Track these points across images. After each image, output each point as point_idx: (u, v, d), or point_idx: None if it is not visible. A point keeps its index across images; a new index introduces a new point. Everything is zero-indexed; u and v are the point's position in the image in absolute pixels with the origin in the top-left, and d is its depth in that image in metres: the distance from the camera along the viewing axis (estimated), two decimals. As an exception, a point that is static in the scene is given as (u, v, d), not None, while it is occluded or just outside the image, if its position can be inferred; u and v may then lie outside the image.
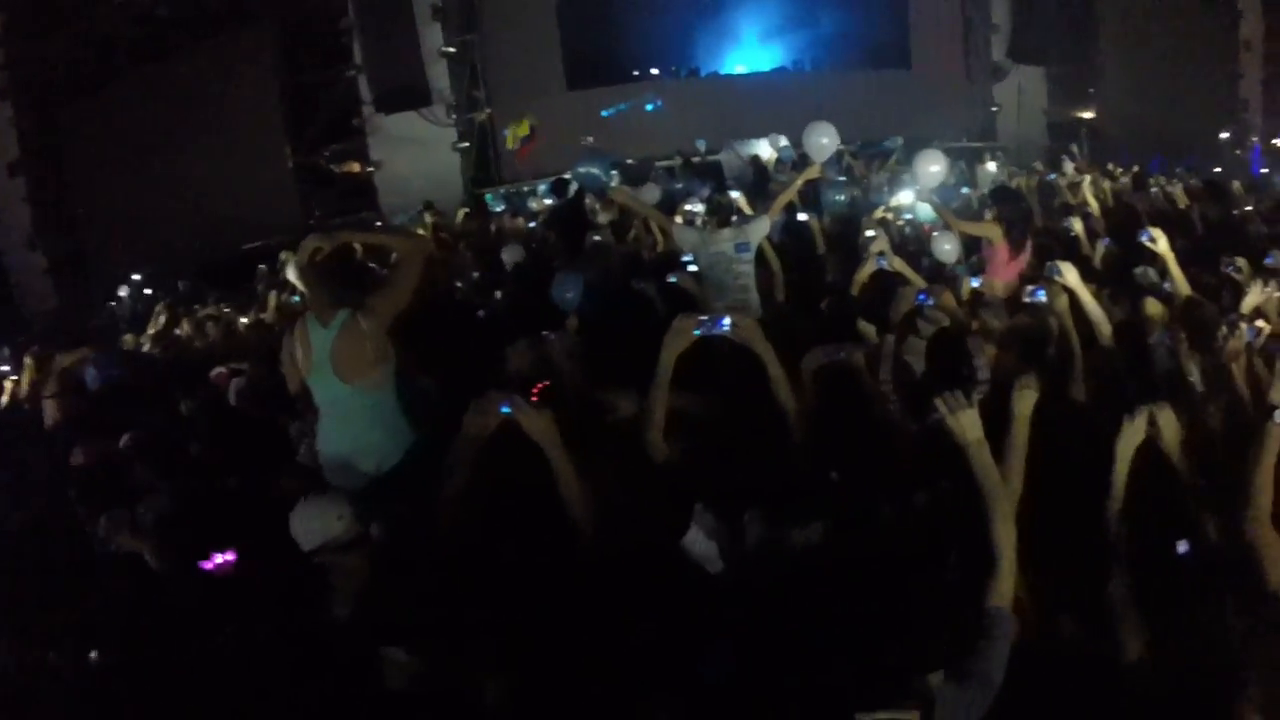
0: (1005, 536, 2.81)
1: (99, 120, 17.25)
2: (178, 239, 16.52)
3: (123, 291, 12.78)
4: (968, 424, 2.88)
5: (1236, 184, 11.74)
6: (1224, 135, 19.44)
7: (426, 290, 7.17)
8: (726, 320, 3.56)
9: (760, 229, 7.19)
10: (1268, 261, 6.50)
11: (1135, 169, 13.72)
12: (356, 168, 18.45)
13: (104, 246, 17.08)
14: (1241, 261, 6.37)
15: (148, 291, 12.23)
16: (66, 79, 17.32)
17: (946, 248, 7.89)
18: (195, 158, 17.06)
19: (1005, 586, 2.76)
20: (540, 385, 4.07)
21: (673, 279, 6.68)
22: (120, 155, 17.15)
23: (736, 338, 3.60)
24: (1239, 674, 2.63)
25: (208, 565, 3.66)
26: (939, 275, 7.20)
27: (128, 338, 9.64)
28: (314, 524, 3.45)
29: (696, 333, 3.54)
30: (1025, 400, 3.09)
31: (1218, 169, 15.27)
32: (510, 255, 10.93)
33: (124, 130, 17.13)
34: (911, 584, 2.62)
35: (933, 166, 8.42)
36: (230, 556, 3.66)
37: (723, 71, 20.66)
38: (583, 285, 6.57)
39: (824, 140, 8.80)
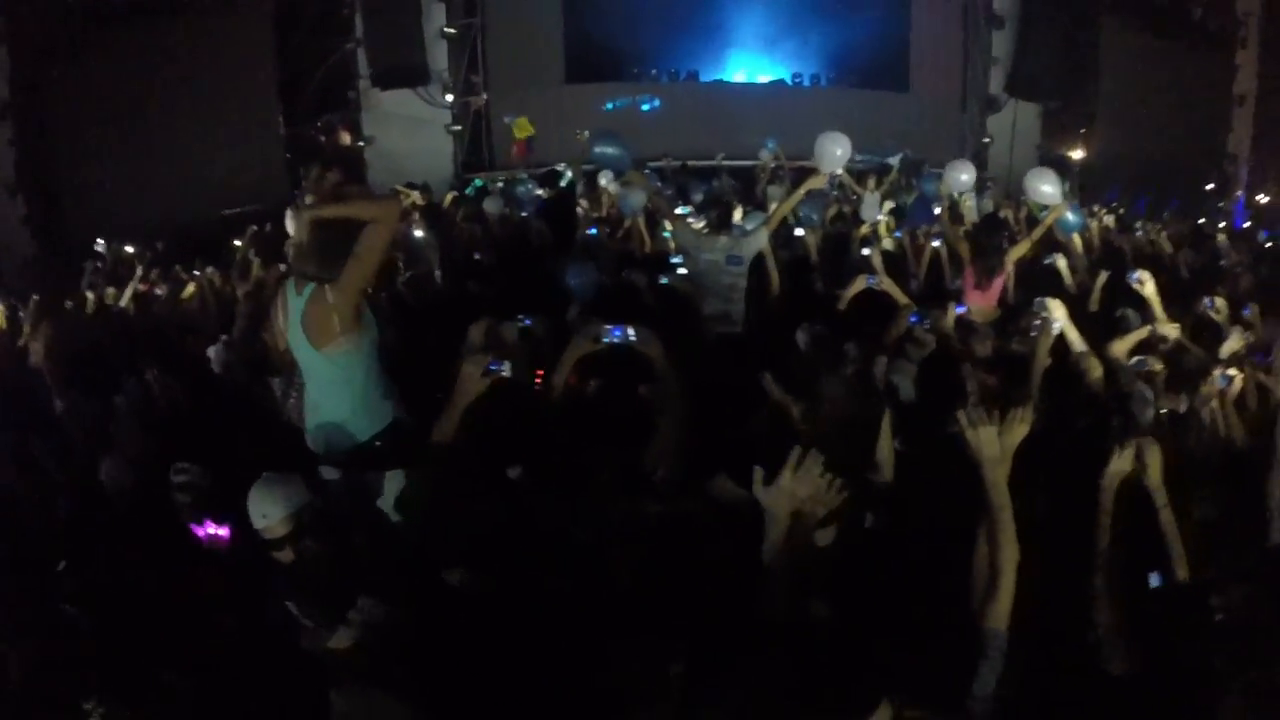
0: (1009, 557, 2.82)
1: (91, 73, 16.88)
2: (160, 199, 16.29)
3: (99, 247, 12.61)
4: (987, 440, 2.89)
5: (1222, 236, 11.91)
6: (1210, 186, 19.74)
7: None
8: (629, 332, 3.82)
9: (756, 243, 7.22)
10: (1245, 313, 6.66)
11: (1120, 210, 13.89)
12: (348, 138, 18.31)
13: (84, 201, 16.82)
14: (1221, 303, 6.52)
15: (129, 249, 12.06)
16: (61, 29, 17.07)
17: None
18: (184, 118, 16.70)
19: (1004, 608, 2.78)
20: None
21: (664, 280, 6.73)
22: (108, 110, 16.77)
23: (637, 347, 3.84)
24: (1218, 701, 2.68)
25: (201, 533, 3.68)
26: (927, 295, 7.27)
27: (109, 292, 9.54)
28: (253, 509, 3.67)
29: (604, 340, 3.85)
30: (1015, 433, 3.01)
31: (1201, 219, 15.47)
32: (492, 206, 10.95)
33: (114, 85, 16.79)
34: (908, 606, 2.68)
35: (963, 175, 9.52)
36: (224, 531, 3.71)
37: (722, 79, 20.66)
38: (595, 275, 6.59)
39: (838, 151, 8.61)
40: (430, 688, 2.79)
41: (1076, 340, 4.88)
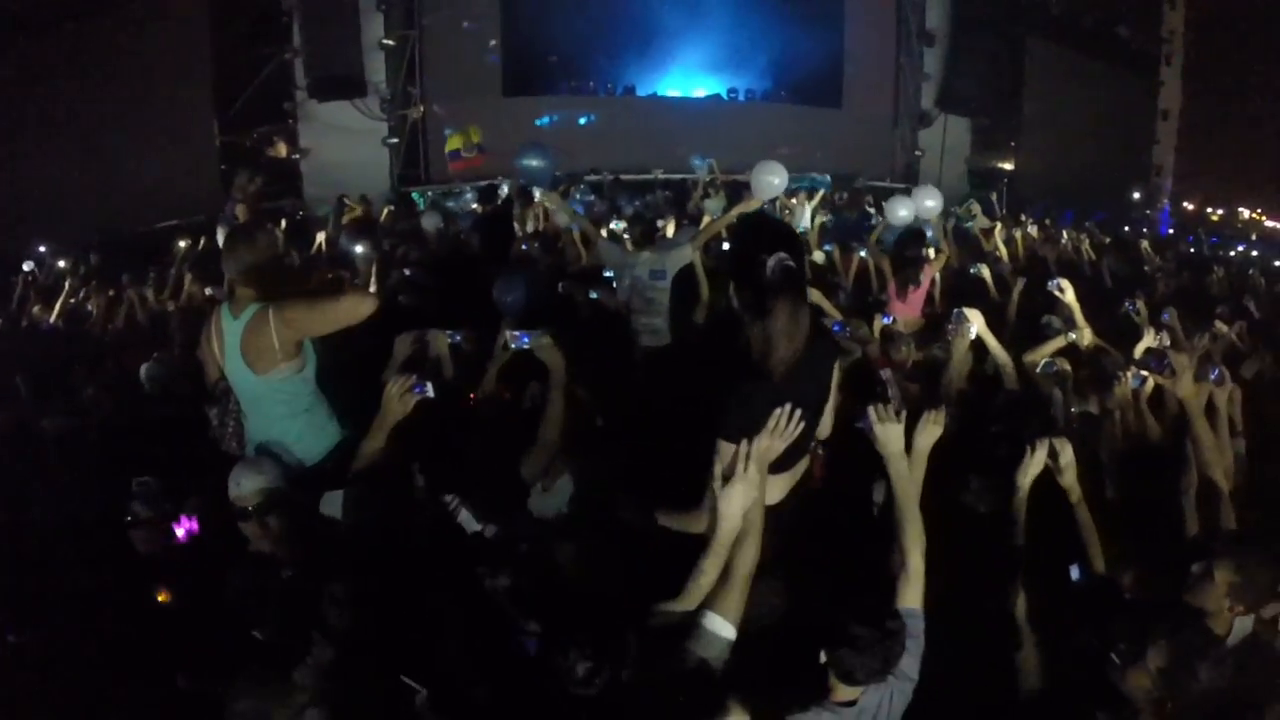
0: (915, 542, 3.02)
1: (16, 79, 16.58)
2: (90, 209, 15.94)
3: (27, 265, 12.36)
4: (894, 435, 3.11)
5: (1145, 243, 12.23)
6: (1136, 195, 20.27)
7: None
8: (528, 338, 4.12)
9: (680, 258, 7.24)
10: (1164, 318, 6.85)
11: (1046, 220, 14.20)
12: (284, 150, 18.11)
13: (11, 211, 16.44)
14: (1142, 305, 6.71)
15: (61, 264, 11.82)
16: None
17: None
18: (115, 126, 16.21)
19: (916, 589, 3.00)
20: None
21: (594, 295, 6.75)
22: (33, 115, 16.44)
23: (536, 352, 4.10)
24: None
25: (180, 529, 3.69)
26: (855, 309, 7.37)
27: (35, 310, 9.36)
28: (232, 479, 3.75)
29: (511, 347, 4.15)
30: (927, 435, 3.22)
31: (1126, 227, 15.87)
32: (430, 222, 10.85)
33: (40, 89, 16.43)
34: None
35: (901, 211, 9.72)
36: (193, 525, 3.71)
37: (659, 93, 20.80)
38: (525, 289, 6.60)
39: (774, 180, 8.90)
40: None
41: (994, 346, 5.00)
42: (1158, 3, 20.95)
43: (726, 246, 7.49)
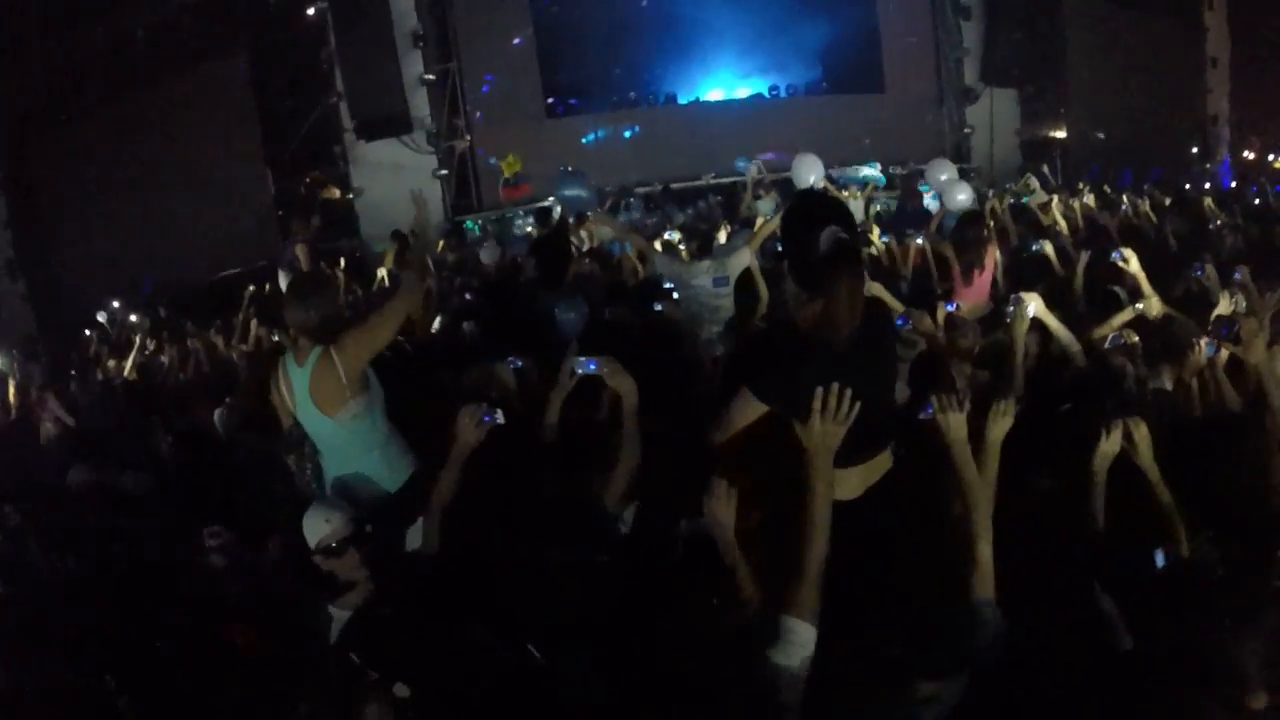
0: (983, 531, 2.98)
1: (76, 147, 17.04)
2: (156, 266, 16.45)
3: (101, 317, 12.75)
4: (955, 424, 3.08)
5: (1208, 200, 11.94)
6: (1194, 150, 19.80)
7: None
8: (594, 363, 3.94)
9: (740, 263, 7.28)
10: (1235, 277, 6.69)
11: (1106, 187, 13.95)
12: (337, 193, 18.45)
13: (79, 273, 16.98)
14: (1210, 269, 6.58)
15: (133, 319, 12.18)
16: (44, 104, 17.27)
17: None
18: (174, 185, 16.91)
19: (987, 579, 2.94)
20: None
21: (659, 307, 6.78)
22: (97, 182, 17.02)
23: (606, 379, 3.95)
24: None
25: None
26: (917, 299, 7.32)
27: (110, 364, 9.64)
28: (309, 526, 3.75)
29: (577, 373, 3.98)
30: (998, 426, 3.18)
31: (1187, 184, 15.52)
32: (488, 255, 10.98)
33: (101, 157, 16.99)
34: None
35: (960, 195, 9.76)
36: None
37: (700, 98, 20.82)
38: (588, 310, 6.68)
39: (811, 176, 9.11)
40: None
41: (1055, 326, 4.94)
42: (1194, -53, 20.51)
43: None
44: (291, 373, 4.31)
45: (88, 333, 11.46)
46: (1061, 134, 18.91)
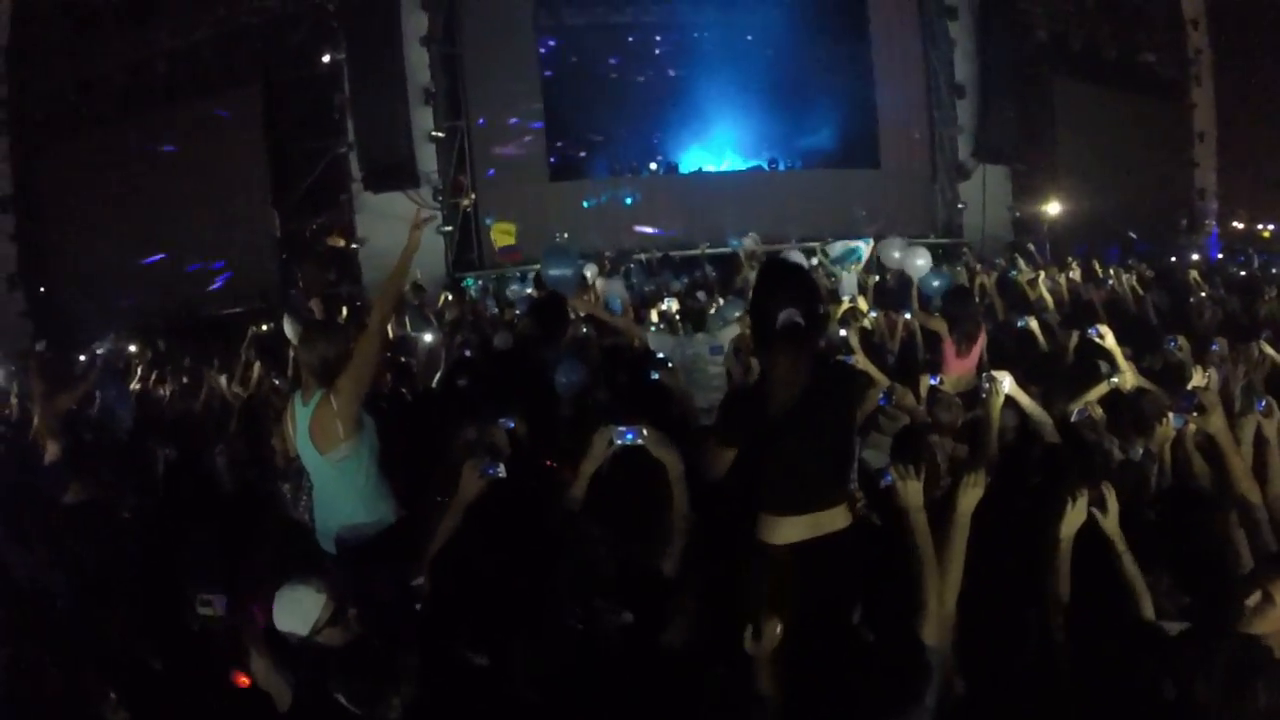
0: (933, 586, 3.25)
1: (84, 164, 17.29)
2: (157, 297, 16.71)
3: (100, 349, 12.82)
4: (912, 491, 3.37)
5: (1193, 272, 12.18)
6: (1184, 222, 20.13)
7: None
8: (632, 433, 3.95)
9: (731, 333, 7.48)
10: (1213, 349, 6.91)
11: (1093, 261, 14.22)
12: (342, 241, 18.70)
13: (78, 293, 16.99)
14: (1182, 341, 6.81)
15: (132, 349, 12.33)
16: (56, 122, 17.44)
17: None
18: (178, 217, 17.19)
19: (934, 628, 3.21)
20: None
21: (655, 375, 6.96)
22: (103, 202, 17.24)
23: (647, 446, 3.98)
24: None
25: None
26: (903, 371, 7.50)
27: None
28: (295, 613, 3.65)
29: (616, 443, 3.98)
30: (969, 497, 3.38)
31: (1173, 257, 15.81)
32: (501, 342, 11.13)
33: (108, 177, 17.24)
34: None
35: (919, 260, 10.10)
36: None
37: (701, 169, 21.25)
38: (585, 372, 6.86)
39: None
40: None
41: (1027, 403, 5.12)
42: (1179, 25, 20.98)
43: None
44: (298, 410, 4.65)
45: (82, 358, 11.41)
46: (1053, 209, 19.24)
